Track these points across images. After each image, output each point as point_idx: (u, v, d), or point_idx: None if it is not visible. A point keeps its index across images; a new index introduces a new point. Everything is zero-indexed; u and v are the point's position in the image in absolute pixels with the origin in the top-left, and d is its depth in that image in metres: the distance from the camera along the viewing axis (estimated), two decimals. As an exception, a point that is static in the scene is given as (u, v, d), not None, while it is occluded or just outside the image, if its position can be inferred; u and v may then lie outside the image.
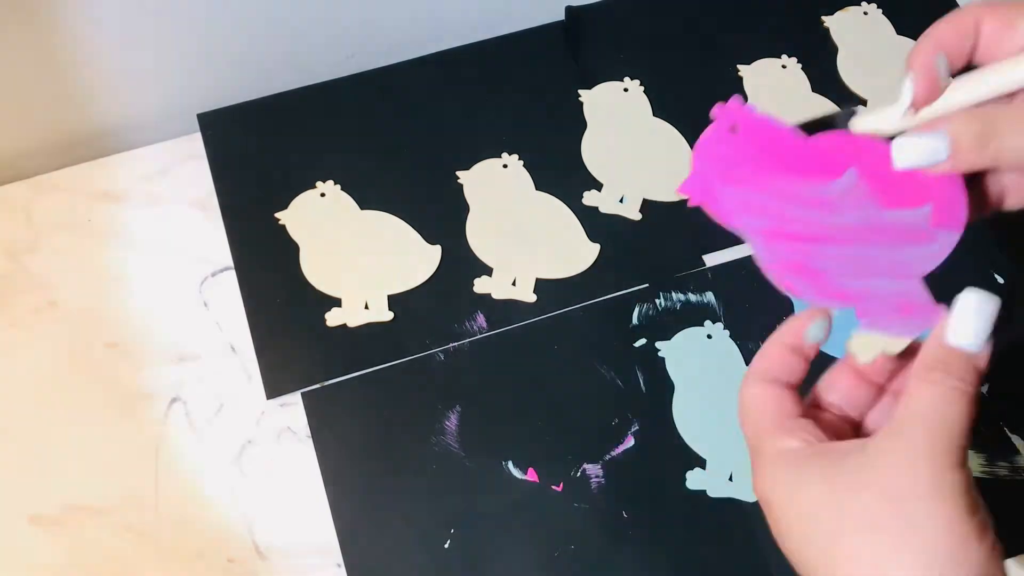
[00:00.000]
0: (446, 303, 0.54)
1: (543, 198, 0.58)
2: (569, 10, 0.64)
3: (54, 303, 0.54)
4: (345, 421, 0.51)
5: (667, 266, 0.55)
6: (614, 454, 0.51)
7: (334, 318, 0.54)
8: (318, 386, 0.52)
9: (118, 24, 0.56)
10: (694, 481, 0.50)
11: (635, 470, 0.50)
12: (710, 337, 0.53)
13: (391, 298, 0.54)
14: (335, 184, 0.58)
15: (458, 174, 0.58)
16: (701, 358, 0.53)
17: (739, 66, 0.62)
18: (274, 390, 0.52)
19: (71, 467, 0.50)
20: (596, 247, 0.56)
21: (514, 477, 0.50)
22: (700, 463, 0.50)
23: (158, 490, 0.50)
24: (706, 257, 0.56)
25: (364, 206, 0.57)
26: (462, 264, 0.56)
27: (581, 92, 0.61)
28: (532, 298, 0.55)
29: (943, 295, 0.30)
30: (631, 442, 0.51)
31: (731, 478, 0.50)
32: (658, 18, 0.65)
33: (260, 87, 0.62)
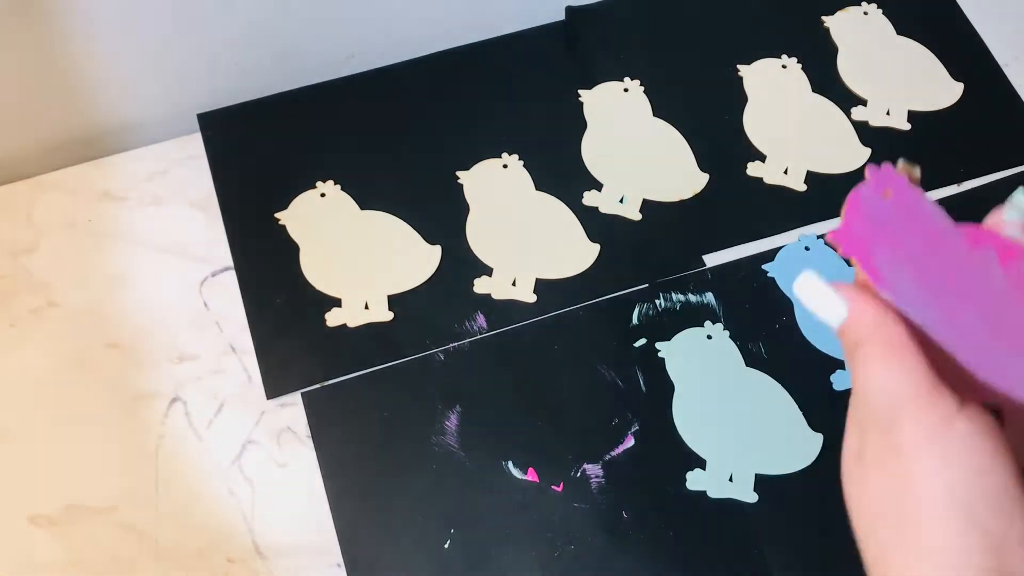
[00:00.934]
0: (446, 303, 0.54)
1: (543, 198, 0.58)
2: (569, 10, 0.64)
3: (54, 303, 0.54)
4: (345, 421, 0.51)
5: (667, 266, 0.55)
6: (614, 454, 0.51)
7: (334, 318, 0.54)
8: (318, 386, 0.52)
9: (118, 24, 0.56)
10: (694, 481, 0.50)
11: (635, 470, 0.50)
12: (710, 337, 0.53)
13: (391, 298, 0.55)
14: (335, 184, 0.58)
15: (458, 174, 0.58)
16: (701, 358, 0.53)
17: (739, 66, 0.62)
18: (274, 390, 0.52)
19: (71, 467, 0.50)
20: (596, 247, 0.56)
21: (514, 477, 0.50)
22: (700, 463, 0.50)
23: (158, 490, 0.50)
24: (706, 257, 0.56)
25: (364, 206, 0.57)
26: (462, 264, 0.56)
27: (581, 92, 0.61)
28: (532, 298, 0.55)
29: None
30: (631, 442, 0.51)
31: (731, 478, 0.50)
32: (658, 18, 0.65)
33: (260, 87, 0.62)
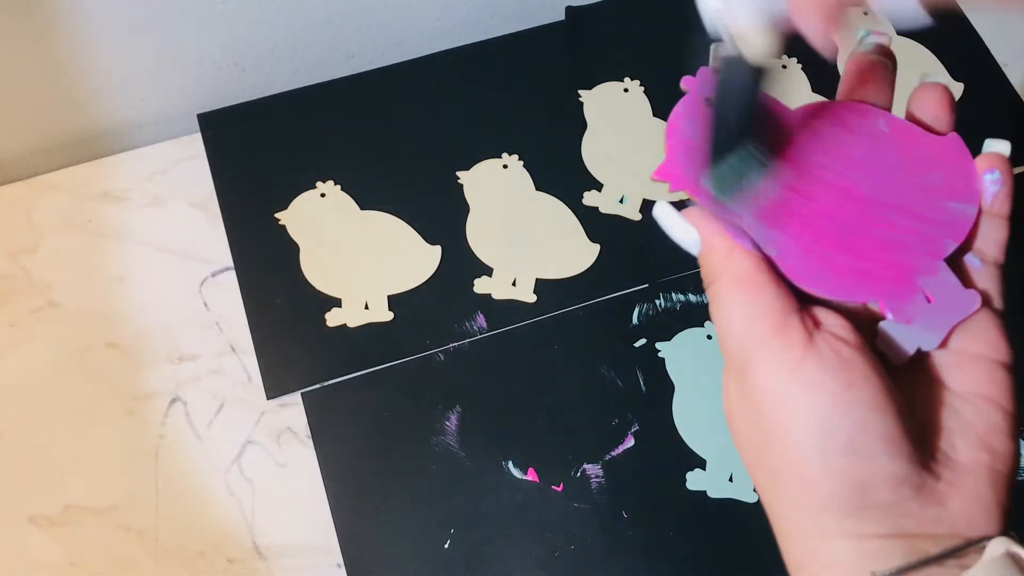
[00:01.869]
0: (446, 303, 0.54)
1: (543, 198, 0.58)
2: (569, 10, 0.64)
3: (54, 303, 0.54)
4: (345, 421, 0.51)
5: (667, 266, 0.55)
6: (614, 454, 0.51)
7: (334, 318, 0.54)
8: (318, 386, 0.52)
9: (118, 24, 0.56)
10: (694, 481, 0.50)
11: (635, 470, 0.50)
12: (710, 337, 0.53)
13: (391, 298, 0.54)
14: (335, 184, 0.58)
15: (458, 174, 0.58)
16: (701, 358, 0.53)
17: (739, 66, 0.62)
18: (274, 390, 0.52)
19: (71, 467, 0.50)
20: (596, 247, 0.56)
21: (514, 477, 0.50)
22: (700, 463, 0.50)
23: (158, 490, 0.50)
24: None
25: (364, 206, 0.57)
26: (462, 264, 0.56)
27: (581, 92, 0.61)
28: (532, 298, 0.55)
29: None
30: (631, 442, 0.51)
31: (731, 478, 0.50)
32: (658, 18, 0.65)
33: (260, 87, 0.62)
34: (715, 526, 0.49)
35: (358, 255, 0.56)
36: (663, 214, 0.29)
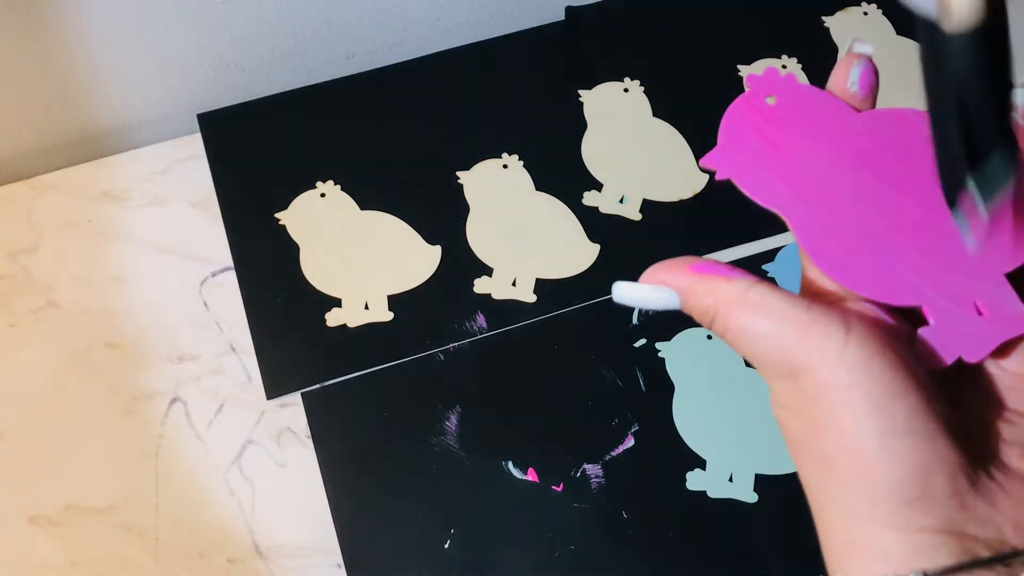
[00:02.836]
0: (446, 303, 0.54)
1: (543, 198, 0.58)
2: (569, 10, 0.64)
3: (54, 303, 0.54)
4: (345, 421, 0.51)
5: (667, 266, 0.55)
6: (614, 454, 0.51)
7: (334, 318, 0.54)
8: (318, 386, 0.52)
9: (118, 24, 0.56)
10: (694, 482, 0.50)
11: (635, 470, 0.50)
12: (710, 338, 0.53)
13: (391, 298, 0.54)
14: (335, 184, 0.58)
15: (458, 174, 0.58)
16: (701, 359, 0.53)
17: (739, 66, 0.62)
18: (274, 390, 0.52)
19: (71, 467, 0.50)
20: (596, 247, 0.56)
21: (514, 477, 0.50)
22: (700, 463, 0.50)
23: (158, 490, 0.50)
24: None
25: (364, 206, 0.57)
26: (462, 264, 0.56)
27: (581, 92, 0.61)
28: (532, 298, 0.55)
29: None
30: (631, 442, 0.51)
31: (731, 479, 0.50)
32: (658, 18, 0.65)
33: (260, 87, 0.62)
34: (715, 526, 0.49)
35: (358, 255, 0.56)
36: (626, 289, 0.29)
